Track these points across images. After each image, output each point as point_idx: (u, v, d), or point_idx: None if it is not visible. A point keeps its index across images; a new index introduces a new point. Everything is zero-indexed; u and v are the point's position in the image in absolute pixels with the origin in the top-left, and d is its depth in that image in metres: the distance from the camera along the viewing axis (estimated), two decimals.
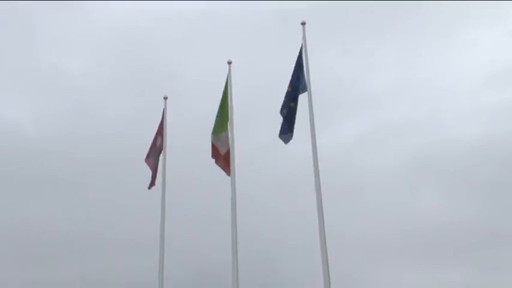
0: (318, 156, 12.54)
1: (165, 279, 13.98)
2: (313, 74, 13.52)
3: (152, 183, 15.56)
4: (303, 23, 14.27)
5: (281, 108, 13.60)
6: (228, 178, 13.85)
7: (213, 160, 14.48)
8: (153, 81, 29.65)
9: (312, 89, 13.34)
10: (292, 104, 13.47)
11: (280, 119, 13.55)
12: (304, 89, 13.47)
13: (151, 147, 16.01)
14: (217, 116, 14.73)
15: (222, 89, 14.95)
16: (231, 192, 13.53)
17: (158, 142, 15.91)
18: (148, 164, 15.81)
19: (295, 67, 13.84)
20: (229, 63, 15.36)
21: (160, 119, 16.18)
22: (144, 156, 15.98)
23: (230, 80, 15.04)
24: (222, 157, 14.28)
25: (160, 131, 16.00)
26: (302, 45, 14.05)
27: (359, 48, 32.37)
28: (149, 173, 15.70)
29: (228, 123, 14.49)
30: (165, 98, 16.40)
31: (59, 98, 32.61)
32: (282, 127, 13.50)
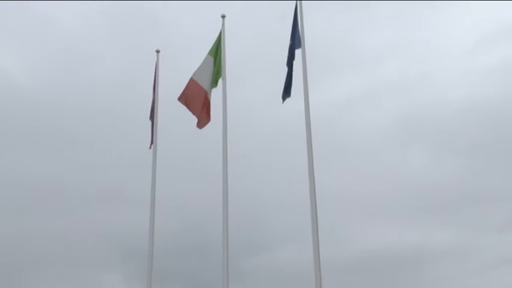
0: (311, 114, 12.52)
1: (155, 234, 14.08)
2: (308, 32, 13.40)
3: (152, 140, 15.43)
4: None
5: (287, 61, 13.50)
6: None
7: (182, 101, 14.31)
8: (147, 33, 29.25)
9: (306, 46, 13.22)
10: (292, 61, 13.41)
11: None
12: (299, 45, 13.37)
13: (152, 105, 15.76)
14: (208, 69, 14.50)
15: (214, 42, 14.74)
16: (222, 148, 13.51)
17: (153, 96, 15.77)
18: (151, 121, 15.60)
19: (293, 22, 13.71)
20: (223, 17, 15.11)
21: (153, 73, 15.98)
22: (148, 115, 15.71)
23: (224, 34, 14.84)
24: (201, 100, 14.07)
25: (154, 84, 15.83)
26: (297, 1, 13.87)
27: (353, 8, 32.04)
28: (148, 131, 15.54)
29: (221, 79, 14.36)
30: (158, 52, 16.14)
31: (49, 47, 32.15)
32: (285, 87, 13.40)
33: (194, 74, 14.61)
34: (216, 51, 14.66)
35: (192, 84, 14.53)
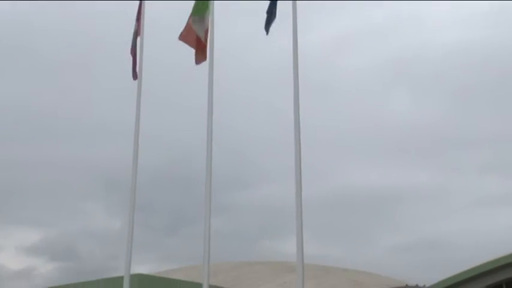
0: (298, 52, 12.40)
1: (138, 166, 14.11)
2: None
3: (135, 73, 15.22)
4: None
5: None
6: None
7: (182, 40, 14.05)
8: None
9: None
10: None
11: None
12: None
13: (134, 36, 15.46)
14: None
15: None
16: (208, 82, 13.38)
17: (136, 28, 15.44)
18: (132, 55, 15.35)
19: None
20: None
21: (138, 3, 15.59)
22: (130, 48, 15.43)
23: None
24: (196, 40, 13.82)
25: (138, 16, 15.47)
26: None
27: None
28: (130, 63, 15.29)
29: (208, 10, 14.03)
30: None
31: None
32: (267, 19, 13.16)
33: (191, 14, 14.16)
34: None
35: (189, 27, 14.20)
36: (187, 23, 14.08)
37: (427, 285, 33.18)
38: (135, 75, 15.21)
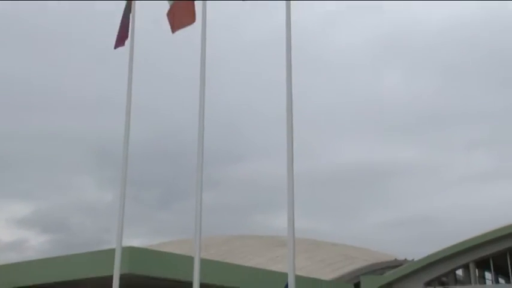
0: (292, 27, 12.29)
1: (130, 140, 14.04)
2: None
3: (120, 43, 15.02)
4: None
5: None
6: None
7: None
8: None
9: None
10: None
11: None
12: None
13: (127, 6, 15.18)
14: None
15: None
16: (201, 53, 13.25)
17: None
18: (122, 24, 15.11)
19: None
20: None
21: None
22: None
23: None
24: (181, 9, 13.62)
25: None
26: None
27: None
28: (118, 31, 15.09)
29: None
30: None
31: None
32: None
33: None
34: None
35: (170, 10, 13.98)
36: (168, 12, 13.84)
37: (416, 259, 33.62)
38: (119, 43, 15.00)
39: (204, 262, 14.43)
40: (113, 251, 14.56)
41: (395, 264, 38.02)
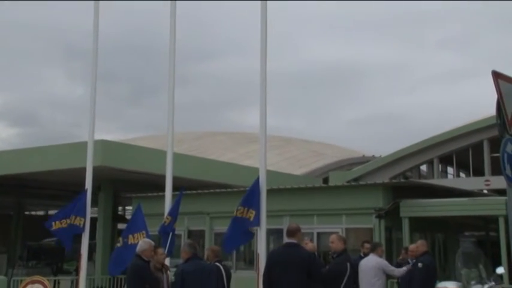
0: None
1: (99, 33, 13.73)
2: None
3: None
4: None
5: None
6: None
7: None
8: None
9: None
10: None
11: None
12: None
13: None
14: None
15: None
16: None
17: None
18: None
19: None
20: None
21: None
22: None
23: None
24: None
25: None
26: None
27: None
28: None
29: None
30: None
31: None
32: None
33: None
34: None
35: None
36: None
37: (383, 156, 34.75)
38: None
39: (176, 156, 14.76)
40: (85, 144, 14.72)
41: (363, 160, 39.31)
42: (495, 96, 7.65)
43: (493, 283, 9.19)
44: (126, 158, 17.82)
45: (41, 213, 33.92)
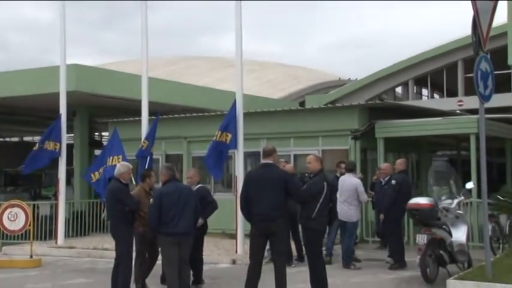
0: None
1: None
2: None
3: None
4: None
5: None
6: None
7: None
8: None
9: None
10: None
11: None
12: None
13: None
14: None
15: None
16: None
17: None
18: None
19: None
20: None
21: None
22: None
23: None
24: None
25: None
26: None
27: None
28: None
29: None
30: None
31: None
32: None
33: None
34: None
35: None
36: None
37: (359, 78, 34.79)
38: None
39: (151, 81, 14.59)
40: (57, 68, 14.41)
41: (339, 83, 39.34)
42: (471, 14, 7.61)
43: (462, 198, 9.52)
44: (100, 83, 17.49)
45: (15, 139, 33.60)
